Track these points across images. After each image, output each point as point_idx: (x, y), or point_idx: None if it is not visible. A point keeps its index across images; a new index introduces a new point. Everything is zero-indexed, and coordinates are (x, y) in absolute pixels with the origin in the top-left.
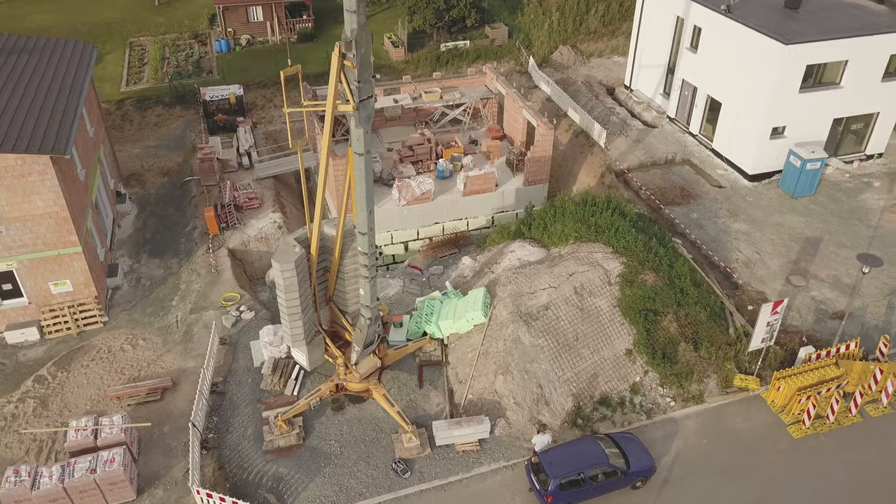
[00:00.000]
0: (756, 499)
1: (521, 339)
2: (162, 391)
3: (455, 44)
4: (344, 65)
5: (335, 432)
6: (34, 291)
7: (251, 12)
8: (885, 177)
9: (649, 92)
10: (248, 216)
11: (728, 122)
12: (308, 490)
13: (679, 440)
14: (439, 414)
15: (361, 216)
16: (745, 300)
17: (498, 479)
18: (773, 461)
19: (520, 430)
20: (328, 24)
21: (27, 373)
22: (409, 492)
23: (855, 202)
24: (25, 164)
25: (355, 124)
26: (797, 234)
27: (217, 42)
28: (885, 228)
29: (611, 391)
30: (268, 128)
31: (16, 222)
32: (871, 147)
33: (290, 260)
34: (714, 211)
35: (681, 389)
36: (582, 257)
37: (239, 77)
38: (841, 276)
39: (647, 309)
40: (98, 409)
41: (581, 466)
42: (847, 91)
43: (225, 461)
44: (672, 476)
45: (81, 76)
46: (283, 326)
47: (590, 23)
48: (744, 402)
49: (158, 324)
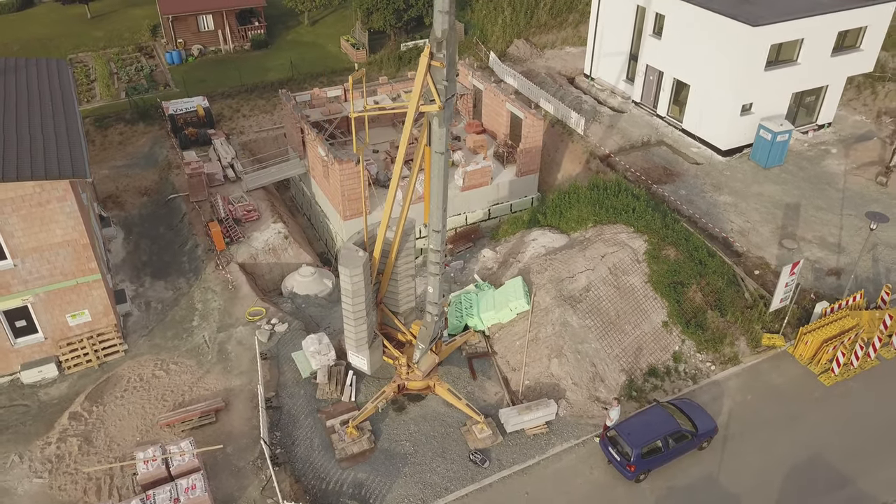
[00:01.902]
0: (808, 443)
1: (569, 322)
2: (215, 412)
3: (415, 43)
4: (431, 65)
5: (404, 432)
6: (50, 325)
7: (201, 21)
8: (838, 143)
9: (612, 79)
10: (248, 229)
11: (698, 103)
12: (392, 492)
13: (727, 400)
14: (499, 402)
15: (437, 214)
16: (749, 266)
17: (573, 457)
18: (813, 408)
19: (581, 408)
20: (279, 30)
21: (56, 411)
22: (492, 480)
23: (820, 168)
24: (44, 191)
25: (438, 123)
26: (778, 201)
27: (168, 54)
28: (852, 190)
29: (656, 362)
30: (241, 138)
31: (32, 254)
32: (821, 117)
33: (358, 265)
34: (699, 186)
35: (717, 353)
36: (608, 238)
37: (199, 89)
38: (825, 236)
39: (673, 282)
40: (148, 439)
41: (657, 434)
42: (803, 67)
43: (300, 474)
44: (730, 433)
45: (69, 94)
46: (347, 332)
47: (540, 16)
48: (774, 359)
49: (185, 346)
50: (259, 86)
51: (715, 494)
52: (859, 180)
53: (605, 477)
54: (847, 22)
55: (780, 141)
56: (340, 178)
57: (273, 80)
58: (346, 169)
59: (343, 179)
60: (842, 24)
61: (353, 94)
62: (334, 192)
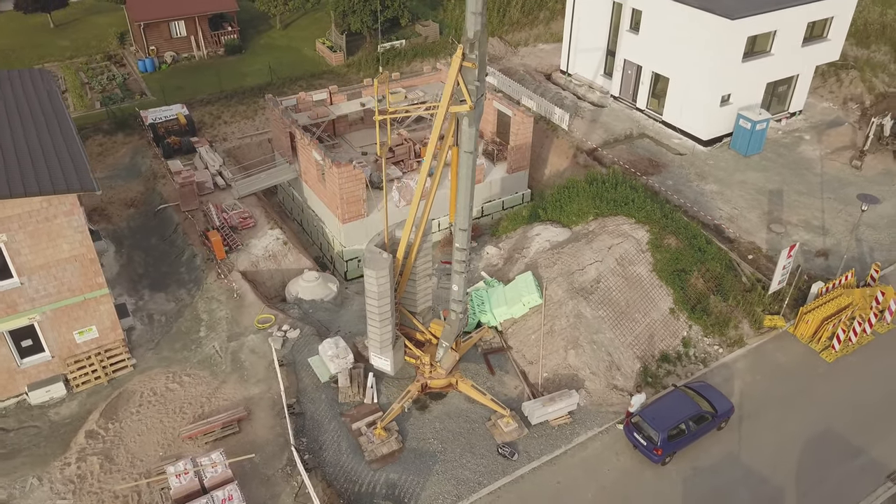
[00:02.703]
0: (818, 417)
1: (582, 314)
2: (238, 422)
3: (391, 44)
4: (462, 66)
5: (430, 430)
6: (57, 343)
7: (174, 28)
8: (810, 130)
9: (589, 74)
10: (245, 236)
11: (678, 95)
12: (426, 490)
13: (737, 381)
14: (520, 396)
15: (464, 213)
16: (743, 251)
17: (598, 445)
18: (819, 384)
19: (600, 397)
20: (252, 35)
21: (69, 431)
22: (522, 472)
23: (796, 154)
24: (52, 206)
25: (468, 124)
26: (761, 187)
27: (140, 61)
28: (829, 174)
29: (667, 348)
30: (224, 145)
31: (39, 271)
32: (792, 105)
33: (385, 267)
34: (685, 176)
35: (723, 337)
36: (612, 230)
37: (177, 96)
38: (810, 219)
39: (676, 270)
40: (171, 453)
41: (680, 417)
42: (776, 57)
43: (331, 478)
44: (745, 413)
45: (59, 105)
46: (372, 334)
47: (512, 14)
48: (776, 339)
49: (196, 357)
50: (238, 91)
51: (738, 472)
52: (835, 165)
53: (632, 462)
54: (816, 13)
55: (759, 130)
56: (339, 182)
57: (252, 86)
58: (343, 172)
59: (341, 183)
60: (811, 15)
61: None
62: (331, 195)
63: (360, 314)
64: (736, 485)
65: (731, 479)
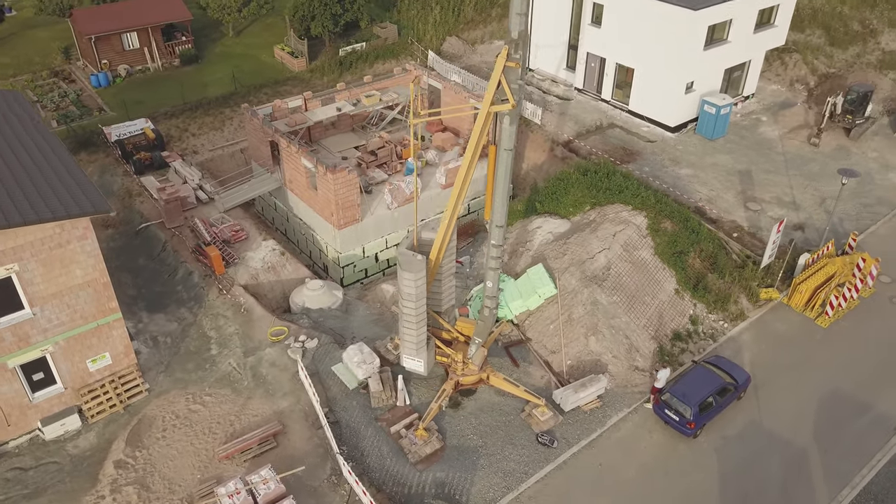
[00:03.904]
0: (825, 380)
1: (598, 301)
2: (274, 436)
3: (353, 47)
4: (506, 66)
5: (468, 427)
6: (70, 374)
7: (126, 40)
8: (765, 112)
9: (551, 69)
10: (239, 249)
11: (643, 85)
12: (476, 485)
13: (746, 352)
14: (546, 385)
15: (501, 210)
16: (727, 230)
17: (630, 424)
18: (819, 349)
19: (623, 379)
20: (205, 44)
21: (93, 463)
22: (564, 458)
23: (757, 136)
24: (65, 231)
25: (510, 122)
26: (731, 168)
27: (93, 76)
28: (791, 153)
29: (677, 326)
30: (196, 158)
31: (52, 300)
32: (745, 89)
33: (422, 269)
34: (659, 162)
35: (725, 312)
36: (612, 218)
37: (138, 110)
38: (780, 195)
39: (675, 252)
40: (210, 474)
41: (708, 391)
42: (733, 45)
43: (380, 484)
44: (758, 382)
45: (41, 126)
46: (408, 335)
47: (466, 12)
48: (773, 311)
49: (213, 376)
50: (203, 102)
51: (763, 437)
52: (794, 143)
53: (665, 438)
54: (766, 0)
55: (723, 114)
56: (334, 187)
57: (216, 96)
58: (339, 178)
59: (336, 188)
60: (762, 2)
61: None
62: (325, 202)
63: (368, 319)
64: (764, 450)
65: (758, 445)
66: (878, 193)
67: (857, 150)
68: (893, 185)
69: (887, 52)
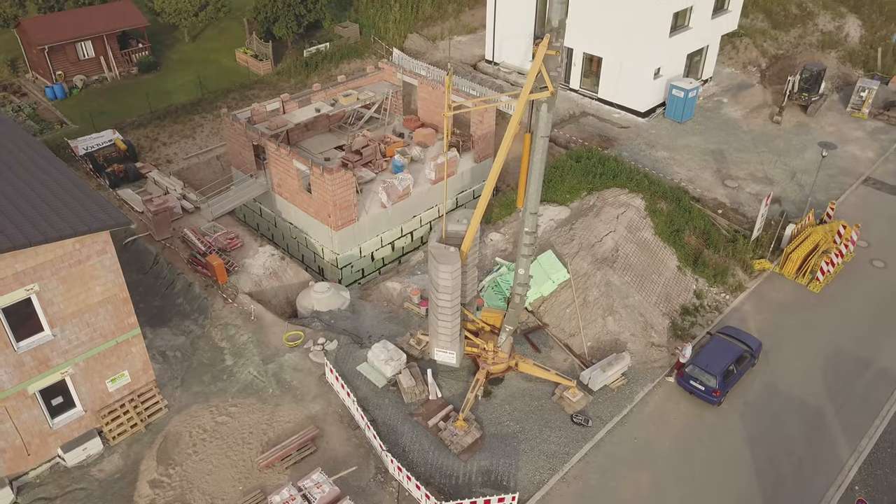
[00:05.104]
0: (827, 341)
1: (612, 282)
2: (312, 441)
3: (317, 48)
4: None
5: (502, 414)
6: (90, 396)
7: (80, 49)
8: (724, 94)
9: (516, 61)
10: (236, 257)
11: (612, 73)
12: (522, 470)
13: (750, 321)
14: (570, 367)
15: (535, 197)
16: (712, 207)
17: (657, 398)
18: (816, 312)
19: (643, 355)
20: (161, 50)
21: (123, 486)
22: (601, 435)
23: (722, 117)
24: (84, 247)
25: (547, 108)
26: (704, 149)
27: (48, 88)
28: (755, 131)
29: (685, 302)
30: (171, 168)
31: (72, 319)
32: (704, 73)
33: (457, 261)
34: (636, 147)
35: (724, 285)
36: (612, 201)
37: (102, 122)
38: (754, 172)
39: (673, 230)
40: (252, 485)
41: (729, 360)
42: (693, 31)
43: (427, 477)
44: (767, 348)
45: (31, 141)
46: (443, 328)
47: (424, 9)
48: (768, 280)
49: (234, 387)
50: (170, 110)
51: (781, 399)
52: (757, 122)
53: (691, 408)
54: None
55: (691, 97)
56: (332, 188)
57: (183, 102)
58: (336, 178)
59: (334, 189)
60: None
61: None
62: (321, 203)
63: (380, 318)
64: (783, 411)
65: (777, 407)
66: (840, 164)
67: (815, 125)
68: (853, 156)
69: (825, 32)
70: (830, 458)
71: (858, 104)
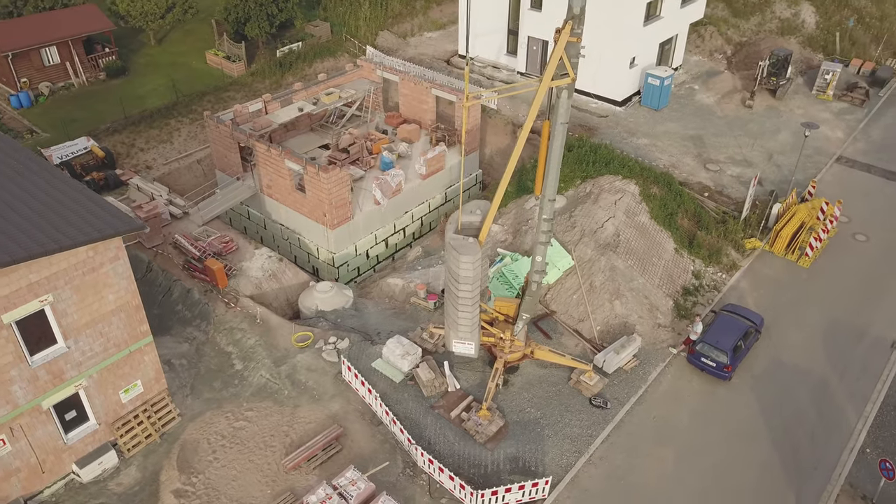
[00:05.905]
0: (822, 313)
1: (616, 267)
2: (337, 439)
3: (289, 47)
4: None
5: (522, 401)
6: (103, 408)
7: (45, 55)
8: (695, 81)
9: (491, 55)
10: (232, 261)
11: (589, 63)
12: (548, 455)
13: (748, 298)
14: (583, 352)
15: (553, 184)
16: (697, 190)
17: (669, 377)
18: (808, 287)
19: (651, 336)
20: (127, 54)
21: (146, 497)
22: (620, 416)
23: (696, 103)
24: (97, 254)
25: (567, 95)
26: (683, 135)
27: (13, 97)
28: (729, 116)
29: (685, 282)
30: (152, 173)
31: (86, 329)
32: (674, 61)
33: (478, 251)
34: (617, 135)
35: (720, 265)
36: (608, 188)
37: (74, 129)
38: (734, 155)
39: (667, 214)
40: (280, 487)
41: (737, 335)
42: (665, 20)
43: (455, 468)
44: (768, 323)
45: (27, 152)
46: (463, 319)
47: (394, 6)
48: (759, 258)
49: (247, 391)
50: (145, 115)
51: (786, 371)
52: (730, 107)
53: (704, 384)
54: None
55: (666, 85)
56: (327, 187)
57: (157, 107)
58: (332, 177)
59: (330, 188)
60: None
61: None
62: (316, 203)
63: (386, 314)
64: (790, 382)
65: (784, 379)
66: (814, 145)
67: (784, 108)
68: (824, 136)
69: (783, 19)
70: (840, 423)
71: (823, 86)
